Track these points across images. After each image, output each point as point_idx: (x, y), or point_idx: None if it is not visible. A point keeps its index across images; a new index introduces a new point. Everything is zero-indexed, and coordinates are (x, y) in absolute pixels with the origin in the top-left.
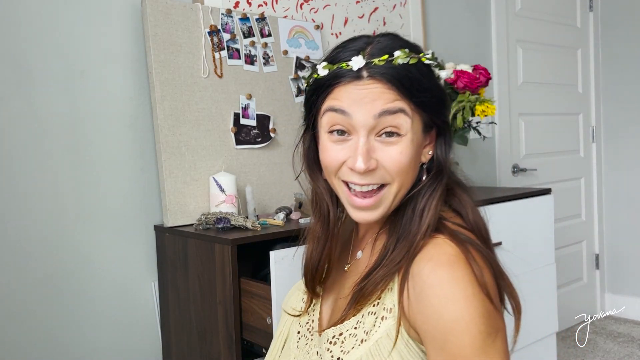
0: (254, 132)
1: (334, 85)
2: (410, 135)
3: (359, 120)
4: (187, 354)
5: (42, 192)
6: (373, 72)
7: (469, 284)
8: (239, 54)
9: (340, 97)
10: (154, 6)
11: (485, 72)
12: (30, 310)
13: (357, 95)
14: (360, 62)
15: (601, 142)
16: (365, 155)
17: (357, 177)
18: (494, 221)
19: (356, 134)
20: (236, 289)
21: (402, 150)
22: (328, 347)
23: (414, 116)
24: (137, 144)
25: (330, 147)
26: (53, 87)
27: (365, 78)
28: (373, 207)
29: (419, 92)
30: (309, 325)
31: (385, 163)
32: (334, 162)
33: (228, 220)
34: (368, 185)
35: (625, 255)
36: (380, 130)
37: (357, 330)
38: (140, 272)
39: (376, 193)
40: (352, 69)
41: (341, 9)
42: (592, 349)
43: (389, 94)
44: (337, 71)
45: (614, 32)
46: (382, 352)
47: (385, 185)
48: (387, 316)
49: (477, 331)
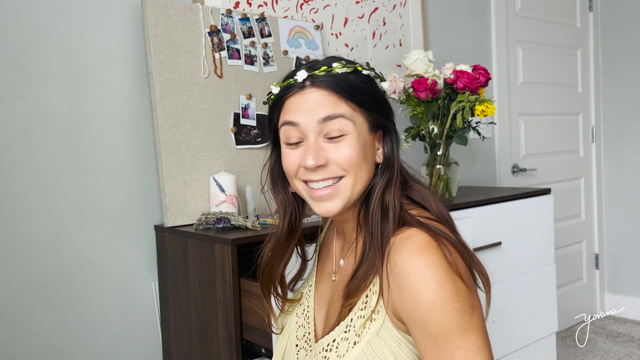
0: (254, 132)
1: (285, 98)
2: (355, 134)
3: (306, 126)
4: (187, 354)
5: (42, 192)
6: (315, 81)
7: (441, 268)
8: (239, 54)
9: (290, 109)
10: (154, 6)
11: (485, 72)
12: (30, 310)
13: (303, 104)
14: (303, 75)
15: (601, 142)
16: (314, 153)
17: (313, 174)
18: (494, 221)
19: (307, 139)
20: (236, 289)
21: (349, 144)
22: (325, 355)
23: (357, 117)
24: (137, 144)
25: (288, 154)
26: (53, 87)
27: (308, 87)
28: (331, 196)
29: (358, 94)
30: (306, 337)
31: (336, 159)
32: (292, 166)
33: (228, 220)
34: (324, 180)
35: (625, 255)
36: (326, 133)
37: (347, 333)
38: (140, 272)
39: (333, 185)
40: (297, 81)
41: (341, 9)
42: (591, 349)
43: (329, 98)
44: (286, 85)
45: (614, 32)
46: (374, 351)
47: (342, 178)
48: (375, 317)
49: (453, 309)
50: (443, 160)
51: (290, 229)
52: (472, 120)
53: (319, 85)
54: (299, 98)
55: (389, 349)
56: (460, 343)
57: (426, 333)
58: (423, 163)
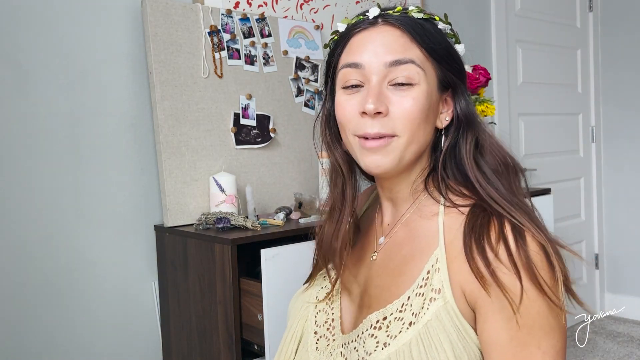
0: (254, 132)
1: (351, 35)
2: (424, 86)
3: (371, 68)
4: (187, 354)
5: (42, 192)
6: (388, 18)
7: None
8: (239, 54)
9: (355, 47)
10: (154, 6)
11: (485, 72)
12: (30, 310)
13: (370, 41)
14: (376, 11)
15: (601, 142)
16: (376, 97)
17: (369, 124)
18: None
19: (369, 82)
20: (236, 289)
21: (415, 97)
22: (372, 332)
23: (427, 67)
24: (137, 144)
25: (345, 99)
26: (53, 87)
27: (380, 24)
28: (383, 150)
29: (431, 41)
30: (329, 325)
31: (396, 111)
32: (348, 114)
33: (228, 220)
34: (378, 137)
35: (625, 255)
36: (392, 79)
37: (403, 313)
38: (140, 272)
39: (385, 139)
40: (368, 17)
41: (341, 9)
42: (591, 349)
43: (401, 40)
44: (355, 22)
45: (613, 32)
46: (431, 337)
47: (395, 137)
48: (435, 297)
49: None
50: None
51: (346, 192)
52: None
53: (391, 23)
54: (367, 34)
55: (447, 337)
56: (542, 342)
57: (509, 324)
58: None
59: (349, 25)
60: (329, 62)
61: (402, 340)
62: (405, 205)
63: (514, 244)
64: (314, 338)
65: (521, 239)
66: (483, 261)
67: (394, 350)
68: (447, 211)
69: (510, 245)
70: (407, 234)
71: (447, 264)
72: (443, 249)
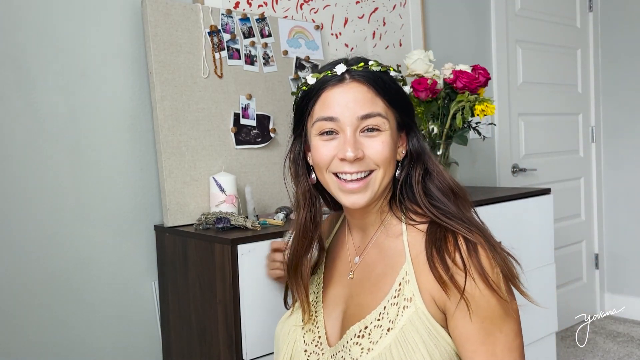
0: (254, 132)
1: (322, 90)
2: (389, 130)
3: (345, 120)
4: (187, 354)
5: (42, 192)
6: (354, 75)
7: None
8: (239, 54)
9: (328, 102)
10: (154, 6)
11: (485, 72)
12: (30, 310)
13: (342, 97)
14: (343, 68)
15: (601, 142)
16: (353, 146)
17: (348, 166)
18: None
19: (343, 132)
20: (236, 289)
21: (384, 141)
22: (356, 341)
23: (389, 115)
24: (137, 144)
25: (322, 145)
26: (53, 87)
27: (347, 80)
28: (362, 189)
29: (391, 92)
30: (316, 342)
31: (370, 153)
32: (326, 158)
33: (228, 220)
34: (357, 172)
35: (625, 255)
36: (363, 127)
37: (381, 321)
38: (140, 272)
39: (364, 179)
40: (336, 74)
41: (341, 9)
42: (591, 349)
43: (368, 94)
44: (324, 77)
45: (613, 32)
46: (407, 339)
47: (373, 171)
48: (408, 305)
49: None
50: (443, 160)
51: (313, 218)
52: (472, 120)
53: (358, 80)
54: (338, 91)
55: (420, 338)
56: (502, 326)
57: (475, 317)
58: None
59: (319, 79)
60: (301, 110)
61: (382, 345)
62: (374, 227)
63: (467, 253)
64: (305, 355)
65: (473, 248)
66: (443, 269)
67: (377, 354)
68: (409, 229)
69: (464, 254)
70: (377, 254)
71: (415, 276)
72: (410, 264)
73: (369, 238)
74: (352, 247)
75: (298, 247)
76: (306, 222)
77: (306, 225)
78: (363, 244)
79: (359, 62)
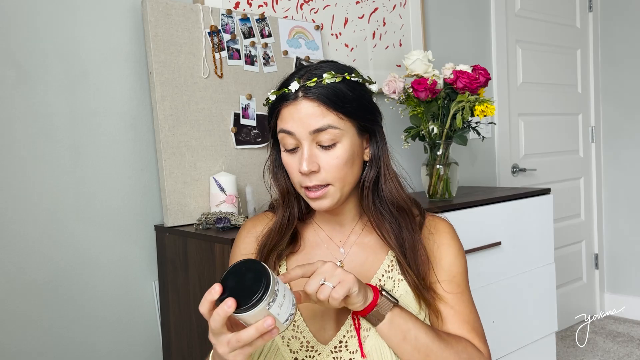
0: (254, 132)
1: (280, 107)
2: (345, 141)
3: (300, 136)
4: (187, 354)
5: (42, 192)
6: (306, 92)
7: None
8: (239, 54)
9: (285, 118)
10: (154, 6)
11: (485, 73)
12: (30, 310)
13: (295, 114)
14: (296, 86)
15: (600, 142)
16: (308, 160)
17: (307, 179)
18: (493, 221)
19: (301, 146)
20: None
21: (338, 155)
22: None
23: (344, 125)
24: (137, 144)
25: (288, 159)
26: (53, 87)
27: (300, 98)
28: (322, 197)
29: (344, 103)
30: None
31: (325, 166)
32: (292, 170)
33: (228, 220)
34: (315, 187)
35: (625, 255)
36: (318, 141)
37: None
38: (140, 272)
39: (322, 189)
40: (291, 91)
41: (341, 10)
42: (591, 349)
43: (318, 109)
44: (281, 95)
45: (613, 32)
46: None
47: (329, 185)
48: (401, 278)
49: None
50: (443, 160)
51: (289, 217)
52: (472, 121)
53: (309, 97)
54: (292, 108)
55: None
56: (465, 290)
57: (452, 282)
58: (423, 163)
59: (277, 97)
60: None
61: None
62: (352, 223)
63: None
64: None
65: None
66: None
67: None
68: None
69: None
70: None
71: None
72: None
73: (350, 230)
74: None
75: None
76: (283, 220)
77: (283, 223)
78: (344, 236)
79: (312, 78)
